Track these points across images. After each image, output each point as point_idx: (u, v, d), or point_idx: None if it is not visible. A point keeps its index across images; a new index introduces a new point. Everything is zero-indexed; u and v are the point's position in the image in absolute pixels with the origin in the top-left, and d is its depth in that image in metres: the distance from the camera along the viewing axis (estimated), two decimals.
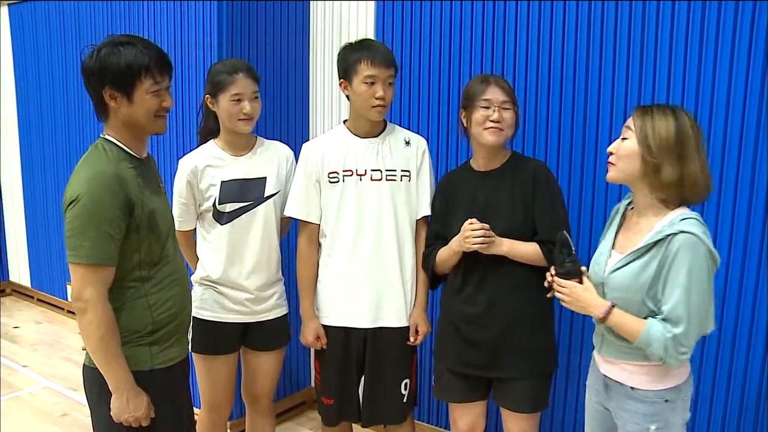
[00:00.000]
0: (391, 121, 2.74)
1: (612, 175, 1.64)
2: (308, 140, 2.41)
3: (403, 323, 2.14)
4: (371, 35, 2.80)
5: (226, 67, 2.13)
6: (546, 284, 1.72)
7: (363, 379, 2.16)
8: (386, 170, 2.10)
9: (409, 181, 2.12)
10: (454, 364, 2.03)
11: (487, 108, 1.90)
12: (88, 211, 1.54)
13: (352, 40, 2.85)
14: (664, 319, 1.52)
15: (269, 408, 2.39)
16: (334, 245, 2.12)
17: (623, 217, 1.71)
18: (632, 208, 1.68)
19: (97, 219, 1.54)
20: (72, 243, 1.56)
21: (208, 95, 2.13)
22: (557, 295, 1.68)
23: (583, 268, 1.68)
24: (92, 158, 1.63)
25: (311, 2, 3.00)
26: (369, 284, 2.10)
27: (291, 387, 3.12)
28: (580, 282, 1.65)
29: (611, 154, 1.63)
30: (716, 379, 2.15)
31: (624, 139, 1.61)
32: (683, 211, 1.56)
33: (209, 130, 2.23)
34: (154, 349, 1.67)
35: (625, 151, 1.59)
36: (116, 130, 1.66)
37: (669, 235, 1.51)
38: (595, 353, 1.75)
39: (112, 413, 1.61)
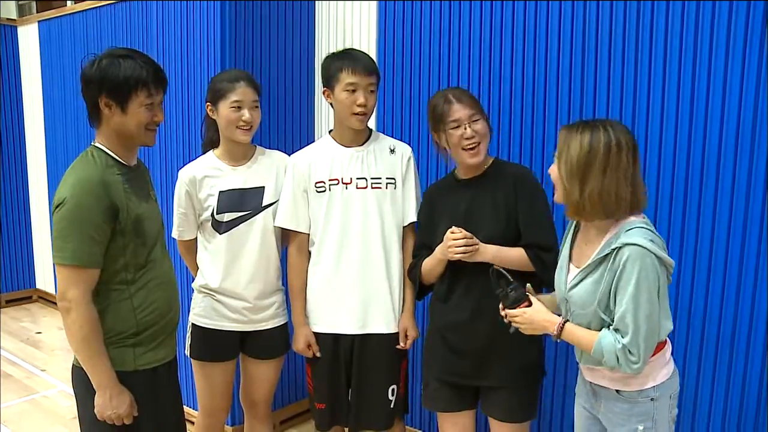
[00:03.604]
0: (393, 123, 2.75)
1: (555, 197, 1.63)
2: None
3: (391, 329, 2.13)
4: (373, 36, 2.82)
5: (228, 75, 2.17)
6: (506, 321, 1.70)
7: (351, 383, 2.15)
8: (371, 178, 2.11)
9: (395, 188, 2.13)
10: (441, 372, 2.01)
11: (458, 127, 1.89)
12: (73, 215, 1.58)
13: (355, 41, 2.89)
14: (615, 329, 1.52)
15: (266, 414, 2.39)
16: (321, 253, 2.13)
17: (578, 227, 1.70)
18: None
19: (81, 222, 1.58)
20: (57, 245, 1.60)
21: (208, 103, 2.16)
22: (515, 326, 1.68)
23: (528, 288, 1.68)
24: (80, 164, 1.67)
25: (316, 2, 3.03)
26: (356, 291, 2.10)
27: (296, 394, 3.12)
28: (530, 304, 1.65)
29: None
30: (715, 382, 2.08)
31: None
32: (630, 220, 1.54)
33: (211, 140, 2.26)
34: (138, 350, 1.69)
35: (553, 176, 1.61)
36: (107, 137, 1.70)
37: (615, 249, 1.50)
38: (577, 360, 1.73)
39: (95, 410, 1.63)
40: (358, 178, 2.10)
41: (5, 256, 5.02)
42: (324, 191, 2.11)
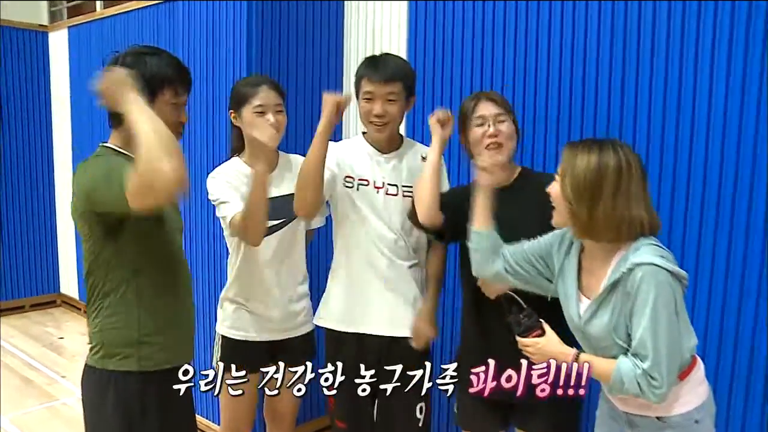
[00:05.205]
0: (423, 126, 2.69)
1: (554, 220, 1.56)
2: None
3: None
4: (404, 37, 2.75)
5: (250, 80, 2.12)
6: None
7: (377, 402, 2.06)
8: (402, 186, 2.04)
9: None
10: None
11: (482, 125, 1.79)
12: (98, 179, 1.47)
13: (384, 42, 2.78)
14: (634, 354, 1.43)
15: (291, 429, 2.30)
16: (350, 255, 2.07)
17: (580, 253, 1.59)
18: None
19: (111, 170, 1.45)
20: (106, 195, 1.43)
21: (231, 110, 2.09)
22: (527, 354, 1.57)
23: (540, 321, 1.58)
24: (96, 160, 1.58)
25: (345, 2, 2.97)
26: (385, 295, 2.04)
27: (319, 410, 3.02)
28: (542, 333, 1.55)
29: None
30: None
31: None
32: (635, 243, 1.46)
33: (235, 148, 2.18)
34: (144, 350, 1.60)
35: (554, 195, 1.54)
36: (122, 139, 1.60)
37: (625, 271, 1.43)
38: (606, 393, 1.62)
39: None
40: (389, 184, 2.03)
41: (30, 261, 5.04)
42: (352, 187, 2.04)
